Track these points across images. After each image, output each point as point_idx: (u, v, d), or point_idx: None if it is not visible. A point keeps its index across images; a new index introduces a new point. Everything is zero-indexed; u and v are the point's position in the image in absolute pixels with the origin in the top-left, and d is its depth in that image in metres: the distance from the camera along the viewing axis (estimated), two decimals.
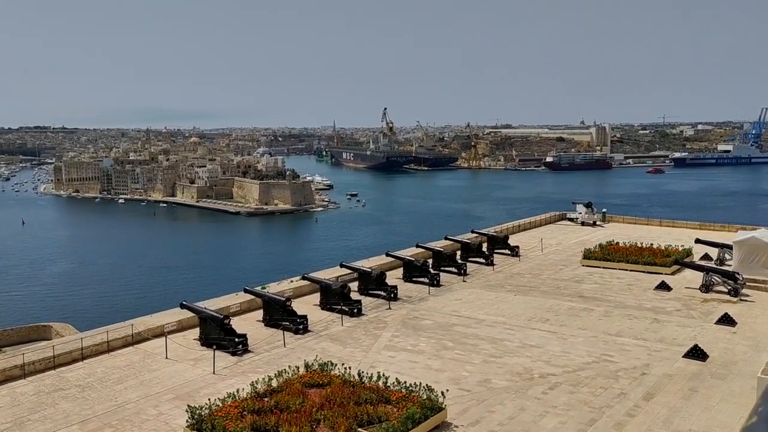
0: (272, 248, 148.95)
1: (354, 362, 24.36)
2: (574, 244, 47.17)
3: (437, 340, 27.25)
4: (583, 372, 23.63)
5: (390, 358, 25.06)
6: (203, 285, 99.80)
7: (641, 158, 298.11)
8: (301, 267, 42.87)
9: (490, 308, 32.17)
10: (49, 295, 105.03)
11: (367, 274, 34.51)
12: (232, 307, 30.65)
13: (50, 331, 47.26)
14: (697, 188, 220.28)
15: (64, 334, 43.30)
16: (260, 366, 24.25)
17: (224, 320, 25.99)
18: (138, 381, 22.84)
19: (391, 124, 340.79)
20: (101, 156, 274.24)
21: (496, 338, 27.47)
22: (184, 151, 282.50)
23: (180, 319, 28.25)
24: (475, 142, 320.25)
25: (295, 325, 28.16)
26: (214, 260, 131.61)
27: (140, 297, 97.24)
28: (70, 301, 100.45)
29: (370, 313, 31.24)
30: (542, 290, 35.57)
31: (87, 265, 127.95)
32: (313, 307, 31.75)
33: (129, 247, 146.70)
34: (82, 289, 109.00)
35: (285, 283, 35.38)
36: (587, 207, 56.72)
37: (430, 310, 31.78)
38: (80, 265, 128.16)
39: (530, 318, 30.46)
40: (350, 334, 28.11)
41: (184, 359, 24.85)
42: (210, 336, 26.09)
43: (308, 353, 25.43)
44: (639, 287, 35.70)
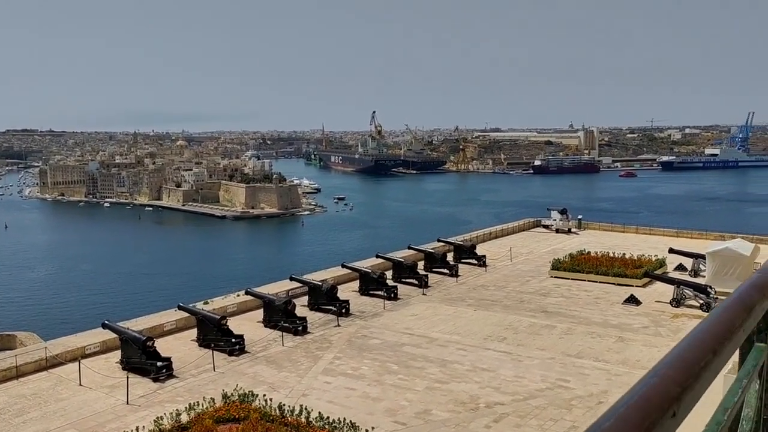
0: (257, 253, 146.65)
1: (285, 390, 22.32)
2: (546, 253, 45.24)
3: (382, 362, 25.18)
4: (534, 401, 21.61)
5: (326, 385, 22.97)
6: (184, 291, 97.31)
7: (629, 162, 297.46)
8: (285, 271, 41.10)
9: (446, 325, 30.13)
10: (23, 303, 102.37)
11: (317, 287, 32.41)
12: (167, 325, 28.49)
13: (14, 341, 45.12)
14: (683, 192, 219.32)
15: (28, 344, 41.13)
16: (181, 394, 22.10)
17: (146, 342, 23.81)
18: (41, 413, 20.63)
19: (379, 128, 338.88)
20: (87, 159, 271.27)
21: (446, 360, 25.42)
22: (171, 155, 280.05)
23: (104, 340, 26.05)
24: (464, 145, 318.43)
25: (229, 345, 26.03)
26: (197, 265, 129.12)
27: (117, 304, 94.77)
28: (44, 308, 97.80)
29: (316, 330, 29.14)
30: (505, 304, 33.57)
31: (66, 270, 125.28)
32: (256, 325, 29.68)
33: (111, 252, 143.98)
34: (57, 296, 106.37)
35: (230, 297, 33.23)
36: (562, 213, 54.83)
37: (381, 328, 29.71)
38: (59, 271, 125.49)
39: (487, 336, 28.44)
40: (289, 356, 25.99)
41: (99, 386, 22.65)
42: (131, 359, 23.92)
43: (239, 378, 23.34)
44: (607, 301, 33.76)
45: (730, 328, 1.81)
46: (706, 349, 1.63)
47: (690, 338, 1.73)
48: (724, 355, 1.72)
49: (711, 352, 1.63)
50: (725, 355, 1.74)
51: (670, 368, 1.53)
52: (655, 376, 1.50)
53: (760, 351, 2.30)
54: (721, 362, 1.71)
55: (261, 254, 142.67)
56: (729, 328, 1.81)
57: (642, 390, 1.42)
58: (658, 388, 1.44)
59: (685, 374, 1.52)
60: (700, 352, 1.64)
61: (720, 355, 1.68)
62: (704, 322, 1.84)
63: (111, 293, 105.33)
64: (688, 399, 1.48)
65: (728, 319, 1.86)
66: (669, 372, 1.51)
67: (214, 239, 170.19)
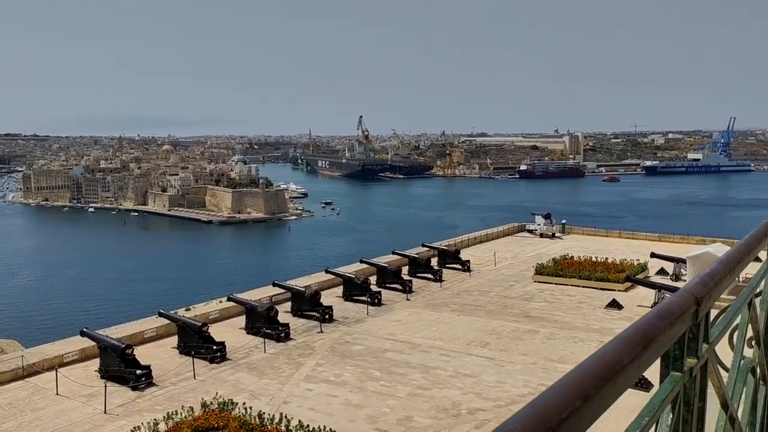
0: (242, 258, 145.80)
1: (266, 397, 22.15)
2: (530, 258, 45.35)
3: (364, 369, 25.07)
4: (515, 406, 21.56)
5: (307, 392, 22.82)
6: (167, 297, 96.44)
7: (613, 166, 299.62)
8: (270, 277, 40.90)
9: (429, 330, 30.08)
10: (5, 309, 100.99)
11: (300, 293, 32.25)
12: (148, 332, 28.21)
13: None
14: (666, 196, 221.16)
15: (8, 351, 40.61)
16: (161, 403, 21.85)
17: (125, 350, 23.54)
18: (15, 423, 20.31)
19: (366, 132, 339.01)
20: (72, 164, 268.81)
21: (428, 366, 25.36)
22: (157, 159, 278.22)
23: (83, 348, 25.73)
24: (450, 150, 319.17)
25: (210, 352, 25.81)
26: (181, 271, 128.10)
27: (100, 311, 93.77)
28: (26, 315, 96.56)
29: (298, 337, 28.98)
30: (488, 309, 33.58)
31: (49, 277, 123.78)
32: (239, 331, 29.47)
33: (95, 257, 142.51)
34: (40, 303, 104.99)
35: (213, 303, 32.98)
36: (546, 218, 55.01)
37: (365, 334, 29.60)
38: (42, 277, 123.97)
39: (470, 342, 28.42)
40: (271, 363, 25.81)
41: (76, 395, 22.34)
42: (110, 368, 23.63)
43: (219, 386, 23.11)
44: (589, 305, 33.89)
45: (632, 353, 1.77)
46: (601, 377, 1.59)
47: (594, 358, 1.69)
48: (624, 379, 1.69)
49: (601, 380, 1.58)
50: (625, 379, 1.71)
51: (562, 388, 1.50)
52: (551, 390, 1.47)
53: (674, 380, 2.26)
54: (622, 385, 1.69)
55: (246, 260, 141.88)
56: (631, 353, 1.77)
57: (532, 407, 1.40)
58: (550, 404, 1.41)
59: (578, 395, 1.48)
60: (598, 372, 1.60)
61: (620, 376, 1.65)
62: (618, 343, 1.80)
63: (94, 300, 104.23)
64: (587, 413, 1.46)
65: (633, 343, 1.82)
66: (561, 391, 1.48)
67: (200, 244, 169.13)
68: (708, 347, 2.49)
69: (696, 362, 2.38)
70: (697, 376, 2.44)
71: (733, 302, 3.24)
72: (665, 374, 2.28)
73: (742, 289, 3.49)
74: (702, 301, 2.35)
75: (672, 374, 2.28)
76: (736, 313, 3.21)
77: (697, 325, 2.37)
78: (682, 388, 2.29)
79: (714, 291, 2.52)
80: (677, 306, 2.20)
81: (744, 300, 3.31)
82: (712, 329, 2.65)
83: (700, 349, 2.41)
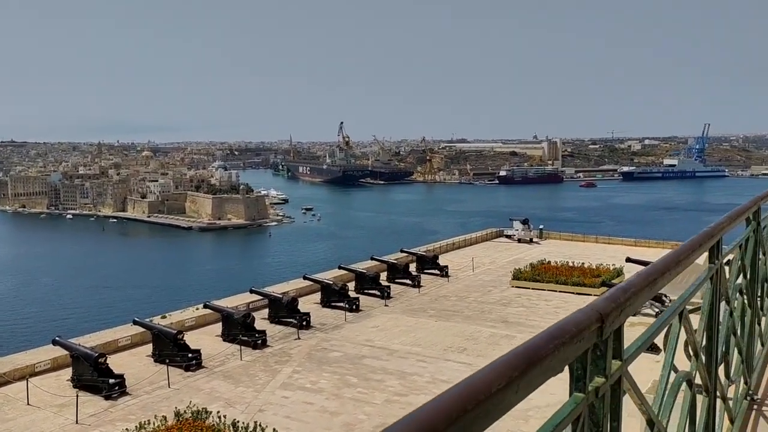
0: (221, 264, 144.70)
1: (241, 405, 21.98)
2: (508, 263, 45.60)
3: (341, 375, 25.00)
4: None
5: (283, 399, 22.69)
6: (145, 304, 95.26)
7: (591, 172, 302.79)
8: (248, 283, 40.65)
9: (407, 336, 30.10)
10: None
11: (277, 300, 32.10)
12: (122, 340, 27.88)
13: None
14: (643, 201, 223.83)
15: None
16: (134, 412, 21.58)
17: (98, 358, 23.24)
18: None
19: (347, 139, 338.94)
20: (50, 170, 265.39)
21: (405, 372, 25.37)
22: (136, 165, 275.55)
23: (55, 357, 25.34)
24: (431, 156, 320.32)
25: (186, 360, 25.56)
26: (160, 278, 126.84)
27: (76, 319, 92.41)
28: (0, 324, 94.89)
29: (275, 344, 28.83)
30: (466, 315, 33.70)
31: (25, 284, 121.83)
32: (215, 339, 29.23)
33: (73, 264, 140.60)
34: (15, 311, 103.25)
35: (189, 310, 32.70)
36: (524, 223, 55.40)
37: (342, 340, 29.54)
38: (18, 285, 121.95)
39: (447, 347, 28.49)
40: (247, 370, 25.64)
41: (48, 405, 21.98)
42: (82, 377, 23.30)
43: (194, 394, 22.89)
44: (566, 310, 33.81)
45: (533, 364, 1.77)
46: (460, 408, 1.50)
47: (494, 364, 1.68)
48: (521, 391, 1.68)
49: (460, 411, 1.51)
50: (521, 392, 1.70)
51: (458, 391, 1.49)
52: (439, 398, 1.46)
53: (575, 401, 2.16)
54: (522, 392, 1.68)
55: (226, 266, 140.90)
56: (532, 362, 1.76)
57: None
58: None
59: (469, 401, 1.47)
60: (490, 382, 1.58)
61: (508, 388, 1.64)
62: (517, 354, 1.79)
63: (69, 308, 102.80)
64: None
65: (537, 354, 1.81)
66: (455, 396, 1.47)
67: (179, 251, 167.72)
68: (621, 364, 2.39)
69: (604, 381, 2.27)
70: (606, 395, 2.31)
71: (660, 315, 3.22)
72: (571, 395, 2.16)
73: None
74: (608, 317, 2.24)
75: (574, 395, 2.19)
76: (661, 326, 3.14)
77: (604, 341, 2.26)
78: (586, 409, 2.18)
79: (627, 305, 2.41)
80: (574, 324, 2.10)
81: (673, 311, 3.29)
82: (630, 345, 2.55)
83: (608, 367, 2.30)
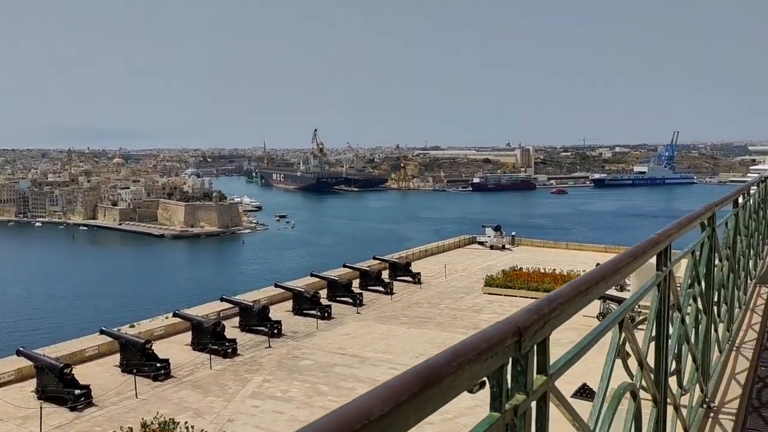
0: (194, 272, 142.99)
1: (210, 415, 21.73)
2: (480, 270, 45.89)
3: (312, 384, 24.88)
4: (463, 419, 21.62)
5: (253, 409, 22.50)
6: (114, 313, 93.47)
7: (564, 179, 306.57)
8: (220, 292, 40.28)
9: (379, 344, 30.08)
10: None
11: (248, 308, 31.85)
12: (89, 350, 27.39)
13: None
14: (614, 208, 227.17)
15: None
16: (100, 423, 21.22)
17: (63, 369, 22.80)
18: None
19: (321, 146, 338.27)
20: (18, 177, 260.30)
21: (376, 380, 25.27)
22: (107, 173, 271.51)
23: (19, 368, 24.79)
24: (405, 163, 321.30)
25: (154, 370, 25.20)
26: (130, 287, 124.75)
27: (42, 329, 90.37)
28: None
29: (246, 352, 28.59)
30: (438, 321, 33.80)
31: None
32: (184, 348, 28.88)
33: (41, 273, 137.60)
34: None
35: (158, 319, 32.27)
36: (496, 230, 55.83)
37: (314, 348, 29.40)
38: None
39: (419, 354, 28.45)
40: (216, 379, 25.37)
41: (11, 417, 21.50)
42: (47, 388, 22.83)
43: (162, 405, 22.57)
44: None
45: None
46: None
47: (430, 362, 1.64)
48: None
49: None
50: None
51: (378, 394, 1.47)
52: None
53: (490, 420, 2.01)
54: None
55: (198, 274, 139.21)
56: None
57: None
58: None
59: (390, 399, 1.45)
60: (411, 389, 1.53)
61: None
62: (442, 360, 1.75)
63: (35, 318, 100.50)
64: None
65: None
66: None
67: (151, 259, 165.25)
68: (547, 379, 2.24)
69: (526, 398, 2.12)
70: (528, 412, 2.15)
71: (597, 326, 3.17)
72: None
73: None
74: (527, 330, 2.07)
75: (489, 414, 2.01)
76: (597, 337, 3.05)
77: (524, 356, 2.10)
78: (504, 428, 2.03)
79: (552, 316, 2.25)
80: (485, 339, 1.89)
81: (613, 320, 3.24)
82: (559, 359, 2.40)
83: (530, 383, 2.14)
